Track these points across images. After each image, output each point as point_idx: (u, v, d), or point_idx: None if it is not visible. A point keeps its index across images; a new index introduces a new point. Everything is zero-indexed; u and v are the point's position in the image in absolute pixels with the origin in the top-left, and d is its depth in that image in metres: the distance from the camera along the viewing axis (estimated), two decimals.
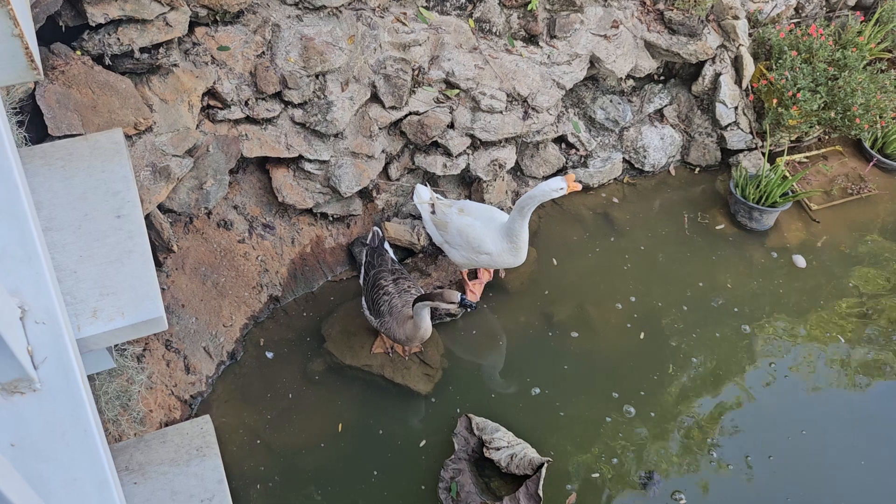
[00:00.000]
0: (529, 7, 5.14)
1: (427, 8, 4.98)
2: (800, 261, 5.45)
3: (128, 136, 4.00)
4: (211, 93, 4.38)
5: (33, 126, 3.61)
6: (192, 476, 2.25)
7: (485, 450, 4.18)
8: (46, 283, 1.74)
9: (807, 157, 6.16)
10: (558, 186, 4.29)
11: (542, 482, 3.98)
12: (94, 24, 3.78)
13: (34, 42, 2.01)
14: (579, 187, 4.35)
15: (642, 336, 4.93)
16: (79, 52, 3.85)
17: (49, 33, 3.77)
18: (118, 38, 3.88)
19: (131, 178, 2.10)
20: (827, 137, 6.33)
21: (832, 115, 5.63)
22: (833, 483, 4.34)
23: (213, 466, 2.29)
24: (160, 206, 4.33)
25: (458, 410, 4.50)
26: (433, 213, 4.77)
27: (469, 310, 4.19)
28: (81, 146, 2.19)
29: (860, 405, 4.73)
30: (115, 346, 3.34)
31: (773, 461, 4.40)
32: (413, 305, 4.19)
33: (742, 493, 4.27)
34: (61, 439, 1.76)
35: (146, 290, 1.98)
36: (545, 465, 4.05)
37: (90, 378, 3.25)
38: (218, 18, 4.33)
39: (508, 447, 4.18)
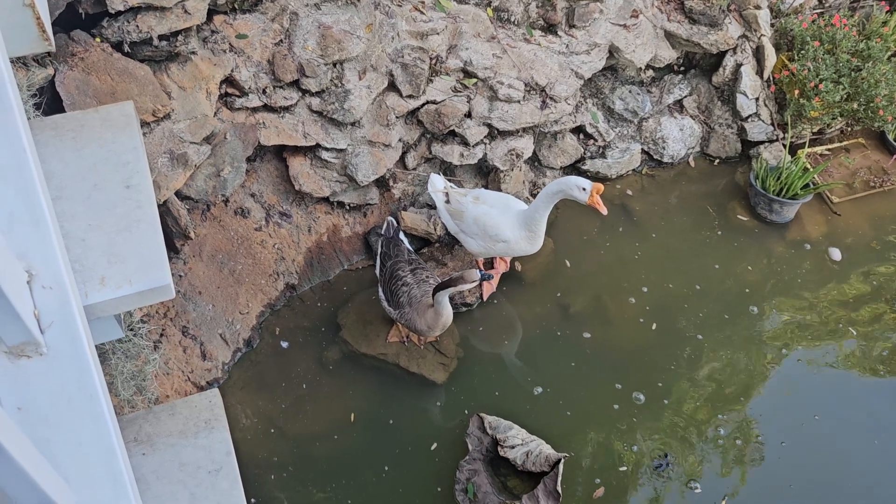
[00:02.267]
0: None
1: None
2: (836, 253, 5.38)
3: (146, 123, 4.03)
4: (229, 80, 4.41)
5: (52, 112, 3.66)
6: (200, 448, 2.27)
7: (499, 448, 4.13)
8: (54, 249, 1.75)
9: (829, 149, 6.08)
10: (583, 186, 4.25)
11: (560, 478, 3.94)
12: (113, 12, 3.82)
13: (46, 13, 2.03)
14: (602, 208, 4.30)
15: (654, 327, 4.89)
16: (98, 39, 3.89)
17: (69, 20, 3.81)
18: (137, 26, 3.91)
19: (141, 149, 2.12)
20: (849, 129, 6.24)
21: (855, 106, 5.55)
22: (847, 469, 4.31)
23: (222, 439, 2.30)
24: (178, 193, 4.35)
25: (473, 404, 4.46)
26: (447, 201, 4.76)
27: (489, 280, 4.22)
28: (92, 118, 2.21)
29: (876, 394, 4.67)
30: (130, 328, 3.37)
31: (785, 447, 4.36)
32: (433, 294, 4.18)
33: (755, 479, 4.24)
34: (67, 404, 1.77)
35: (154, 259, 1.99)
36: (562, 460, 4.01)
37: (106, 356, 3.28)
38: (236, 6, 4.36)
39: (523, 445, 4.14)
